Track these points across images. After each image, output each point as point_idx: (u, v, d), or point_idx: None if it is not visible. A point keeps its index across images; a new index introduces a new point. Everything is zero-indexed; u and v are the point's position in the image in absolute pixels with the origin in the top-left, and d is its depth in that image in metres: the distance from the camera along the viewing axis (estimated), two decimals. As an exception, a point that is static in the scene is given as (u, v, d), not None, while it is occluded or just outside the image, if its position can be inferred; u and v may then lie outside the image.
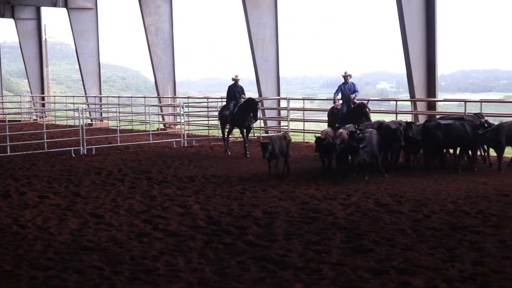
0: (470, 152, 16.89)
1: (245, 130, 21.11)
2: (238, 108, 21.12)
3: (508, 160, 17.22)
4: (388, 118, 32.70)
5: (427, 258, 8.96)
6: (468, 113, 19.65)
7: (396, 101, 24.28)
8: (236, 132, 22.88)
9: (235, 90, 21.57)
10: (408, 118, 24.76)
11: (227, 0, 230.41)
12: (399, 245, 9.67)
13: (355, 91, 20.49)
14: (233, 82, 21.73)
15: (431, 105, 22.26)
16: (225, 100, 22.04)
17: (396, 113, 22.37)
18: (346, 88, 20.45)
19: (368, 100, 21.00)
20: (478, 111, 20.19)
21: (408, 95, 23.05)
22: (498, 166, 16.37)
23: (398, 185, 14.69)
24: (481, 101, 21.54)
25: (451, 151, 17.69)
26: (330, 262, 8.87)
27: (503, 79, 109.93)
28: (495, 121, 18.14)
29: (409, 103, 23.75)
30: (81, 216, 12.21)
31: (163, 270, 8.73)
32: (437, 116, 20.24)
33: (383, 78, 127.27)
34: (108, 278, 8.48)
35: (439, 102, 23.59)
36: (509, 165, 16.91)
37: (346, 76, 20.51)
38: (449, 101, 39.95)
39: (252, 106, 20.59)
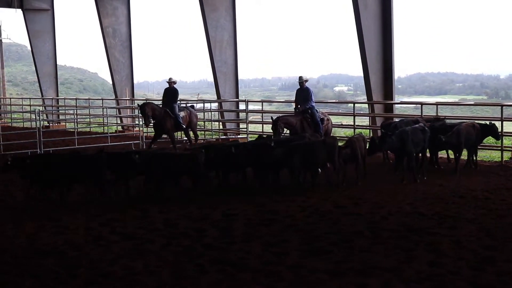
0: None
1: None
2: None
3: (464, 162, 17.40)
4: (345, 121, 33.05)
5: (384, 259, 9.03)
6: (425, 115, 19.83)
7: (354, 103, 24.36)
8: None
9: (171, 92, 21.61)
10: (366, 120, 25.04)
11: (185, 2, 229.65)
12: (356, 247, 9.74)
13: (307, 99, 18.65)
14: (168, 85, 21.70)
15: (388, 108, 22.45)
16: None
17: (354, 116, 22.49)
18: (301, 95, 18.93)
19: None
20: (434, 114, 20.44)
21: (366, 97, 23.21)
22: (455, 168, 16.52)
23: (356, 187, 14.77)
24: (437, 104, 21.78)
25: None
26: (288, 264, 8.89)
27: (458, 82, 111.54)
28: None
29: (366, 105, 23.90)
30: (37, 220, 12.06)
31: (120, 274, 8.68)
32: (394, 119, 20.43)
33: (340, 80, 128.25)
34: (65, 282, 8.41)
35: (396, 105, 23.78)
36: (464, 167, 17.10)
37: (301, 82, 18.86)
38: (406, 103, 40.46)
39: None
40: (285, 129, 18.52)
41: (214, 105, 29.50)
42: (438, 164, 17.49)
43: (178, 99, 21.89)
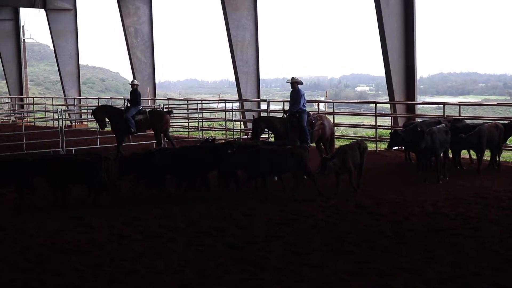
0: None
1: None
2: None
3: (487, 163, 17.31)
4: (367, 121, 32.96)
5: (406, 260, 9.01)
6: (447, 116, 19.74)
7: (376, 103, 24.37)
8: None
9: (132, 95, 21.51)
10: (387, 120, 24.96)
11: (207, 1, 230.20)
12: (378, 247, 9.72)
13: (297, 102, 17.39)
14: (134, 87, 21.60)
15: (410, 108, 22.36)
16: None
17: (376, 116, 22.45)
18: (292, 97, 17.68)
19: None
20: (457, 114, 20.34)
21: (388, 97, 23.15)
22: (477, 168, 16.44)
23: (378, 187, 14.74)
24: (459, 104, 21.66)
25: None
26: (310, 264, 8.89)
27: (481, 82, 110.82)
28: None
29: (388, 105, 23.84)
30: (61, 218, 12.14)
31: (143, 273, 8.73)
32: (416, 119, 20.36)
33: (362, 80, 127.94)
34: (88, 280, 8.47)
35: (418, 105, 23.72)
36: (487, 168, 17.01)
37: (292, 84, 17.50)
38: (428, 104, 40.16)
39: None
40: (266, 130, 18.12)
41: (236, 105, 29.53)
42: (461, 164, 17.38)
43: (140, 100, 21.70)
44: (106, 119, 21.39)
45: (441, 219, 11.46)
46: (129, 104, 21.34)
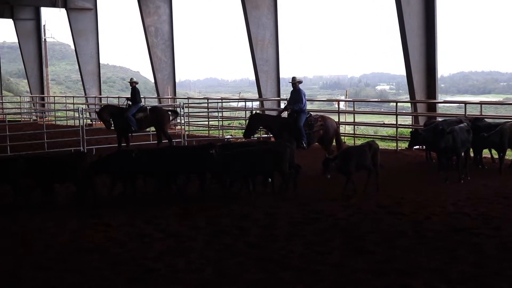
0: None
1: None
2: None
3: (509, 162, 17.20)
4: (387, 120, 32.85)
5: (427, 259, 8.96)
6: (468, 115, 19.62)
7: (396, 102, 24.29)
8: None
9: (132, 93, 21.83)
10: (408, 119, 24.86)
11: (227, 0, 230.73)
12: (399, 246, 9.68)
13: (297, 102, 17.46)
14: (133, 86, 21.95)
15: (431, 107, 22.25)
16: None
17: (396, 115, 22.37)
18: (293, 96, 17.76)
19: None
20: (478, 113, 20.22)
21: (408, 96, 23.05)
22: (499, 168, 16.34)
23: (398, 186, 14.68)
24: (481, 103, 21.53)
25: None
26: (331, 264, 8.87)
27: (502, 81, 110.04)
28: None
29: (409, 104, 23.73)
30: (80, 217, 12.20)
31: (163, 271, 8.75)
32: (437, 118, 20.25)
33: (382, 79, 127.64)
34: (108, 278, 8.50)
35: (439, 104, 23.60)
36: (509, 167, 16.90)
37: (294, 83, 17.64)
38: (449, 103, 39.98)
39: None
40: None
41: (256, 104, 29.52)
42: (483, 163, 17.24)
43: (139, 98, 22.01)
44: (109, 121, 21.63)
45: (462, 219, 11.38)
46: (130, 103, 21.68)
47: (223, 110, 29.42)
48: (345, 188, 13.69)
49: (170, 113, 22.43)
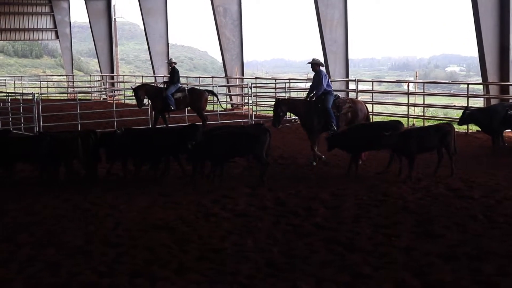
0: None
1: None
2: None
3: None
4: (457, 102, 32.29)
5: (499, 244, 8.77)
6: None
7: (468, 84, 23.80)
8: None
9: (171, 74, 21.94)
10: (479, 102, 24.36)
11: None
12: (470, 230, 9.49)
13: (319, 84, 16.39)
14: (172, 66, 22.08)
15: (504, 89, 21.75)
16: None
17: (468, 97, 21.92)
18: (314, 79, 16.73)
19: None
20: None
21: (480, 78, 22.58)
22: None
23: (469, 170, 14.40)
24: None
25: None
26: (400, 247, 8.75)
27: None
28: None
29: (480, 87, 23.25)
30: (150, 195, 12.33)
31: (231, 250, 8.77)
32: (511, 101, 19.82)
33: (452, 61, 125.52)
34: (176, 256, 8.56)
35: (512, 86, 23.08)
36: None
37: (313, 64, 16.67)
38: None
39: None
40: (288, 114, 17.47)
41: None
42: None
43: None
44: (146, 98, 21.99)
45: (535, 204, 11.12)
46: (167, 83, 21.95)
47: (291, 90, 29.29)
48: (400, 168, 13.69)
49: (207, 94, 22.50)
